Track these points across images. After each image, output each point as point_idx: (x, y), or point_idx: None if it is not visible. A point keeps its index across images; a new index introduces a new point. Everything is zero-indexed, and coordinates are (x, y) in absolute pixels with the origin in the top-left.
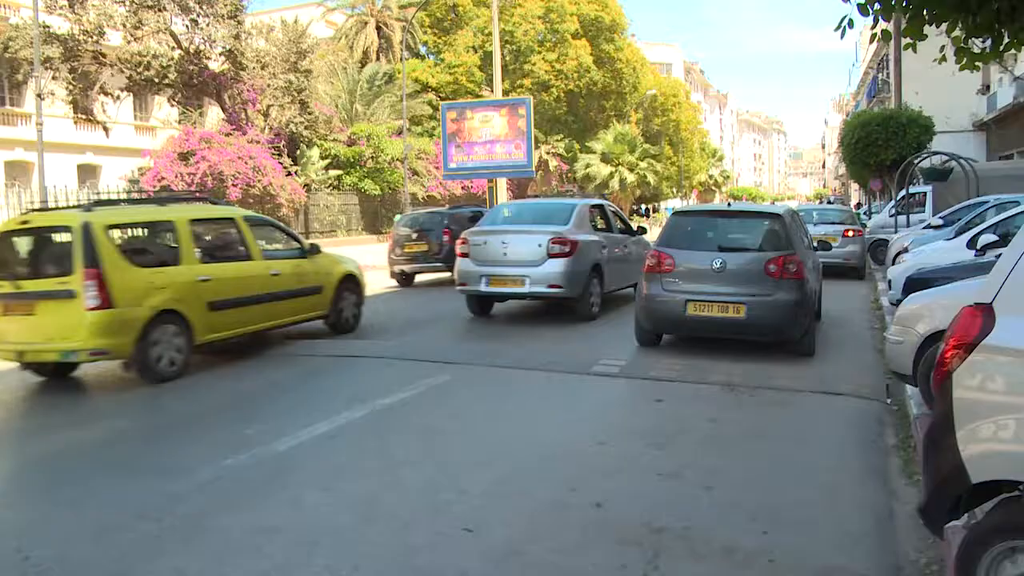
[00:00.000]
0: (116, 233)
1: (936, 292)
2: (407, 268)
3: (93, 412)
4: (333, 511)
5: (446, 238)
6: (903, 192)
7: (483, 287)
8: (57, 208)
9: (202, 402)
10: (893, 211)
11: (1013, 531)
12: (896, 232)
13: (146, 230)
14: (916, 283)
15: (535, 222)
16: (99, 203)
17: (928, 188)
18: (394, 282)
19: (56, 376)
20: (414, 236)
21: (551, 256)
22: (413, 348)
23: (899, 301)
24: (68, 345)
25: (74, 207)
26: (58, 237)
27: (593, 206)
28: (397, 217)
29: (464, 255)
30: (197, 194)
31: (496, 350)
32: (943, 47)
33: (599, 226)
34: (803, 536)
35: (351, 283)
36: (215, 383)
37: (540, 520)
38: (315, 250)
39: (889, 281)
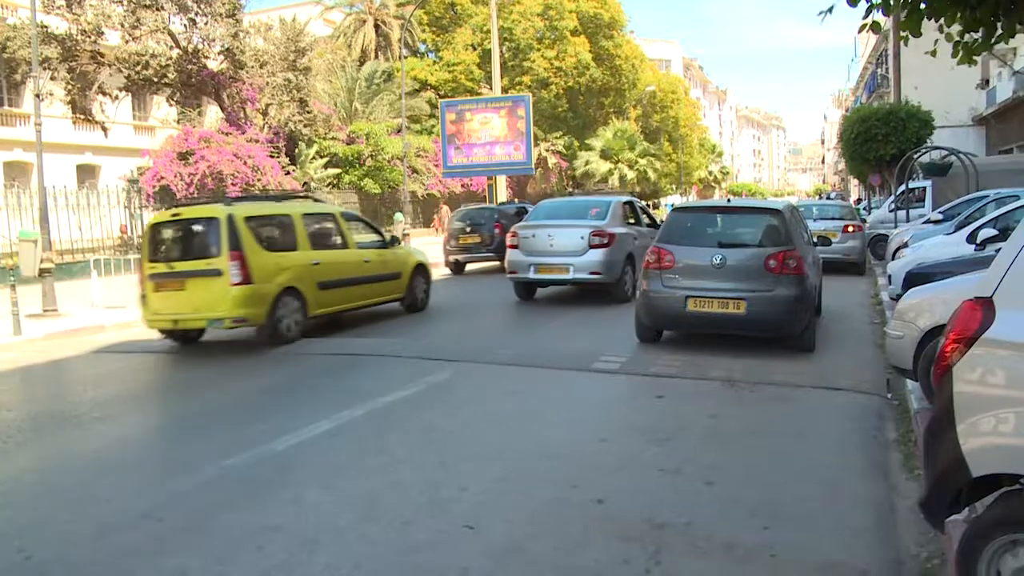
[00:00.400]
0: (252, 223)
1: (936, 287)
2: (461, 258)
3: (86, 415)
4: (334, 509)
5: (497, 231)
6: (902, 187)
7: (531, 274)
8: (199, 203)
9: (203, 401)
10: (893, 206)
11: (1014, 524)
12: (896, 227)
13: (271, 221)
14: (916, 278)
15: (576, 217)
16: (234, 199)
17: (927, 183)
18: (447, 271)
19: (185, 342)
20: (468, 230)
21: (592, 247)
22: (413, 346)
23: (899, 296)
24: (214, 314)
25: (216, 202)
26: (205, 227)
27: (625, 202)
28: (449, 212)
29: (514, 247)
30: (304, 193)
31: (496, 347)
32: (936, 41)
33: (630, 220)
34: (804, 531)
35: (422, 270)
36: (216, 382)
37: (541, 517)
38: (395, 242)
39: (889, 276)
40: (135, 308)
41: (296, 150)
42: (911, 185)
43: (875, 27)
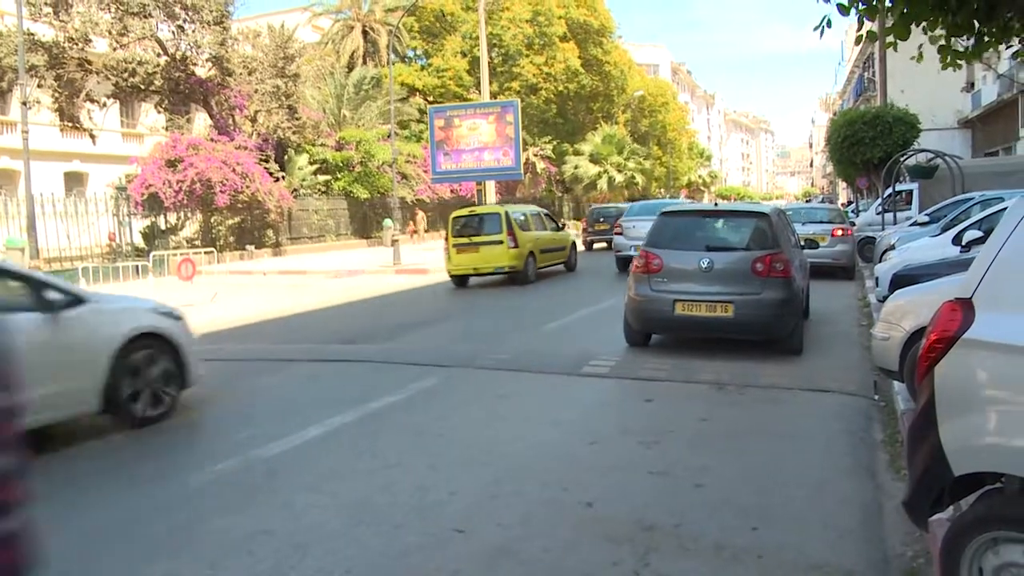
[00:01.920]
0: (513, 215)
1: (921, 288)
2: (594, 239)
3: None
4: (325, 514)
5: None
6: (889, 190)
7: (632, 252)
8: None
9: (194, 407)
10: (880, 209)
11: (995, 522)
12: (884, 229)
13: (522, 214)
14: (902, 280)
15: (654, 212)
16: (503, 203)
17: (914, 186)
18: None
19: (460, 285)
20: (601, 220)
21: None
22: (402, 352)
23: (886, 298)
24: (498, 265)
25: (497, 204)
26: (490, 217)
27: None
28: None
29: (619, 233)
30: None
31: (485, 352)
32: (920, 45)
33: None
34: (792, 532)
35: (574, 246)
36: (206, 388)
37: (532, 520)
38: (563, 226)
39: (876, 278)
40: None
41: (285, 157)
42: (898, 188)
43: (871, 36)
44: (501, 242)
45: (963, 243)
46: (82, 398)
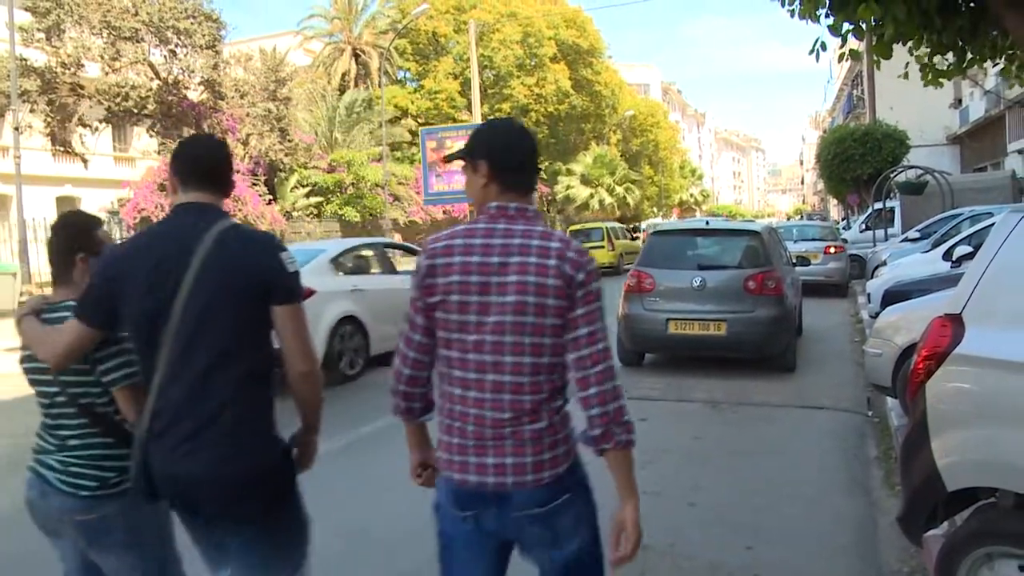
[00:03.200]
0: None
1: (913, 304)
2: None
3: None
4: (319, 539)
5: None
6: (870, 209)
7: None
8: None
9: None
10: (863, 226)
11: (989, 537)
12: (875, 246)
13: (612, 228)
14: (894, 295)
15: None
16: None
17: (896, 203)
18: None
19: None
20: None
21: None
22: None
23: (878, 314)
24: (602, 263)
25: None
26: (595, 229)
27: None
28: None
29: None
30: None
31: None
32: (907, 64)
33: None
34: (787, 550)
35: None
36: None
37: None
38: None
39: (868, 294)
40: None
41: (276, 179)
42: (877, 206)
43: (853, 55)
44: (602, 245)
45: (953, 258)
46: None
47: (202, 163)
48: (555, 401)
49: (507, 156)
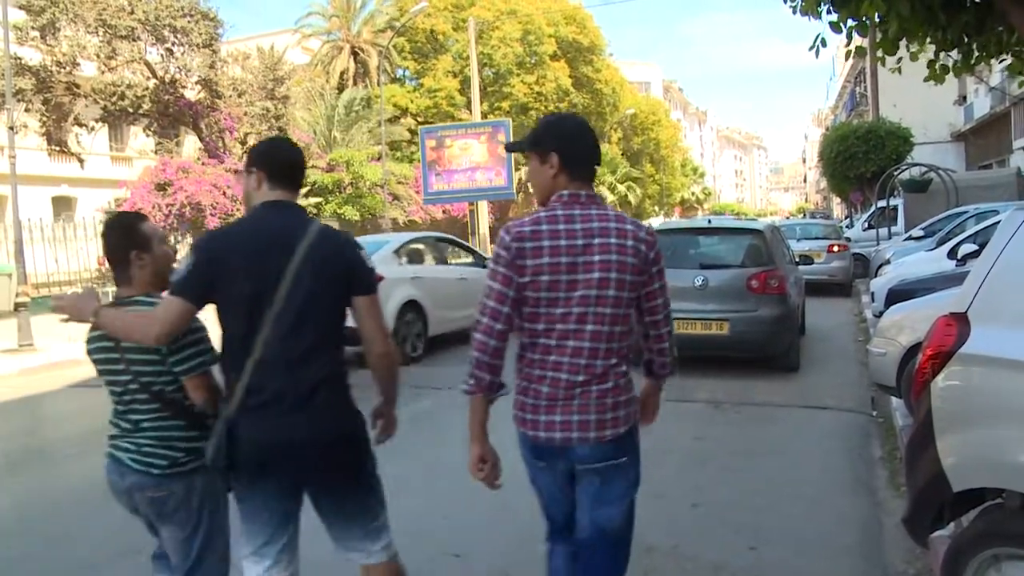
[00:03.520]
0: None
1: (917, 303)
2: None
3: (62, 451)
4: (317, 541)
5: None
6: (873, 207)
7: None
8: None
9: None
10: (865, 225)
11: (996, 538)
12: (878, 244)
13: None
14: (898, 294)
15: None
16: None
17: (899, 201)
18: None
19: None
20: None
21: None
22: None
23: (882, 313)
24: None
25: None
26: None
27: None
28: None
29: None
30: None
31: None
32: (900, 59)
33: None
34: (790, 551)
35: None
36: None
37: (528, 543)
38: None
39: (872, 293)
40: None
41: None
42: (880, 204)
43: (859, 52)
44: None
45: (958, 257)
46: None
47: (293, 166)
48: (621, 367)
49: (577, 148)
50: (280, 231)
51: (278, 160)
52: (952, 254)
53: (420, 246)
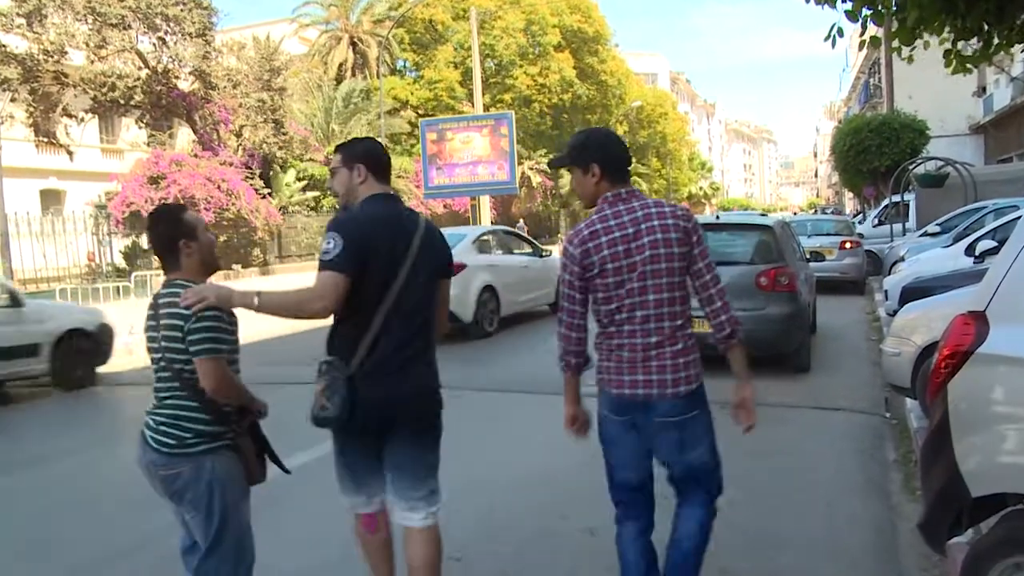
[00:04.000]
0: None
1: (933, 301)
2: None
3: (52, 453)
4: (316, 545)
5: None
6: (885, 201)
7: None
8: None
9: None
10: (876, 221)
11: (1018, 546)
12: (892, 241)
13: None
14: (912, 292)
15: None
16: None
17: (911, 196)
18: None
19: None
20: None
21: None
22: None
23: (896, 312)
24: None
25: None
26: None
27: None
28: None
29: None
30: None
31: (476, 374)
32: (912, 48)
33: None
34: (803, 557)
35: None
36: None
37: (530, 549)
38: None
39: (886, 291)
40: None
41: (271, 173)
42: (895, 199)
43: (875, 42)
44: None
45: (976, 253)
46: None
47: (388, 163)
48: (686, 329)
49: (612, 156)
50: (400, 220)
51: (381, 157)
52: (970, 250)
53: (491, 238)
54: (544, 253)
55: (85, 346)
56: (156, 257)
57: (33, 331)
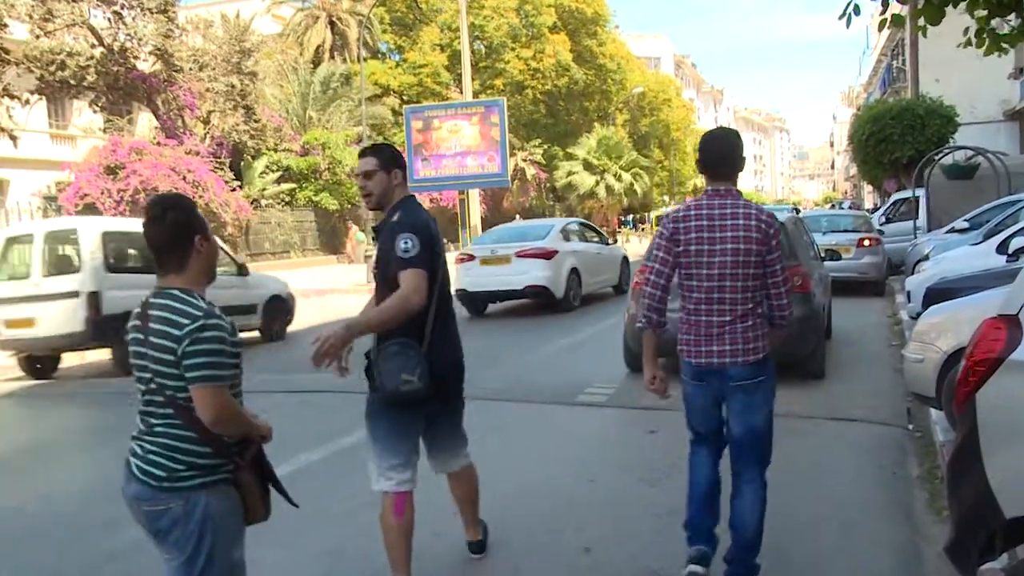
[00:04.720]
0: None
1: (960, 303)
2: None
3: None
4: (298, 566)
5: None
6: (893, 198)
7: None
8: None
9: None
10: (883, 219)
11: None
12: (915, 238)
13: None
14: (937, 294)
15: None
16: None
17: (920, 192)
18: None
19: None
20: None
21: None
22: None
23: (919, 314)
24: None
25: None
26: None
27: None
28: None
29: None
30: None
31: (472, 379)
32: (967, 29)
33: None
34: None
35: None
36: None
37: (524, 566)
38: None
39: (908, 292)
40: None
41: (242, 163)
42: (902, 196)
43: (897, 20)
44: None
45: (1009, 251)
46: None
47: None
48: (757, 310)
49: (711, 156)
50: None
51: (406, 162)
52: (1002, 248)
53: (572, 227)
54: (609, 242)
55: (281, 307)
56: (154, 255)
57: (253, 295)
